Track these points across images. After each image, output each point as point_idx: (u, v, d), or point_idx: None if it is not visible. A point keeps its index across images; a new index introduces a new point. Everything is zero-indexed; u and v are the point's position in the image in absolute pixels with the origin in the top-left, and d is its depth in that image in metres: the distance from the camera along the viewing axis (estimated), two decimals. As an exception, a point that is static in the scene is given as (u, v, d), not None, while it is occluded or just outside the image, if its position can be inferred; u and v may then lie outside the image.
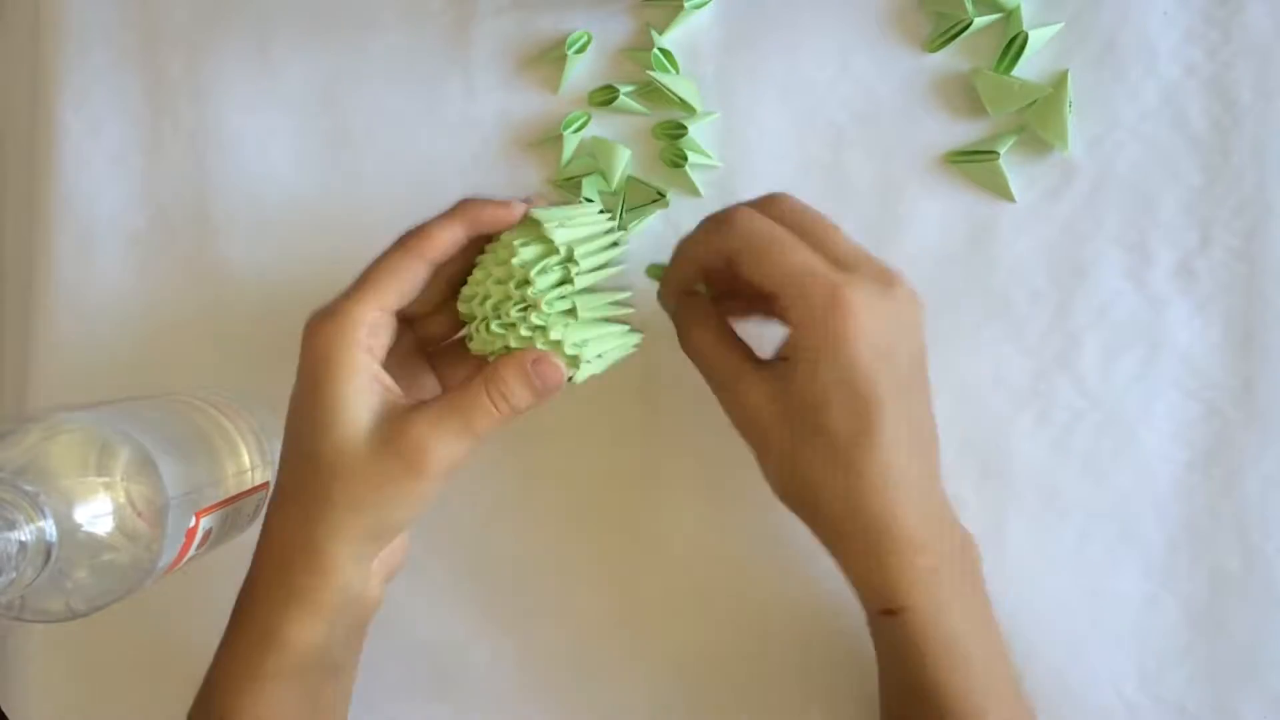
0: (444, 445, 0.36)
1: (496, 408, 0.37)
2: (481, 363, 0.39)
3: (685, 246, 0.41)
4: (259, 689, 0.38)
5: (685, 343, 0.41)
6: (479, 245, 0.40)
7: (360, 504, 0.36)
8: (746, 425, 0.39)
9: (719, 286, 0.42)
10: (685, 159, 0.48)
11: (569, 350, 0.38)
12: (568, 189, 0.49)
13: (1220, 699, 0.45)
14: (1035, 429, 0.47)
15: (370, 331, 0.37)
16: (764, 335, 0.41)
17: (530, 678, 0.49)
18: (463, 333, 0.42)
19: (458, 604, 0.49)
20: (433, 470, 0.36)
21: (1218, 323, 0.46)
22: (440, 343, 0.43)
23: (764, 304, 0.39)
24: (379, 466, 0.35)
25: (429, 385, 0.42)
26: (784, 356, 0.38)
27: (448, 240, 0.38)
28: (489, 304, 0.38)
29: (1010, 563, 0.46)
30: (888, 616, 0.38)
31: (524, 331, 0.37)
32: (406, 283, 0.38)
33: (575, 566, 0.49)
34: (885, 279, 0.37)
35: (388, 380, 0.37)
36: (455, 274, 0.40)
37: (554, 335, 0.37)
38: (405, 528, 0.39)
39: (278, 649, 0.38)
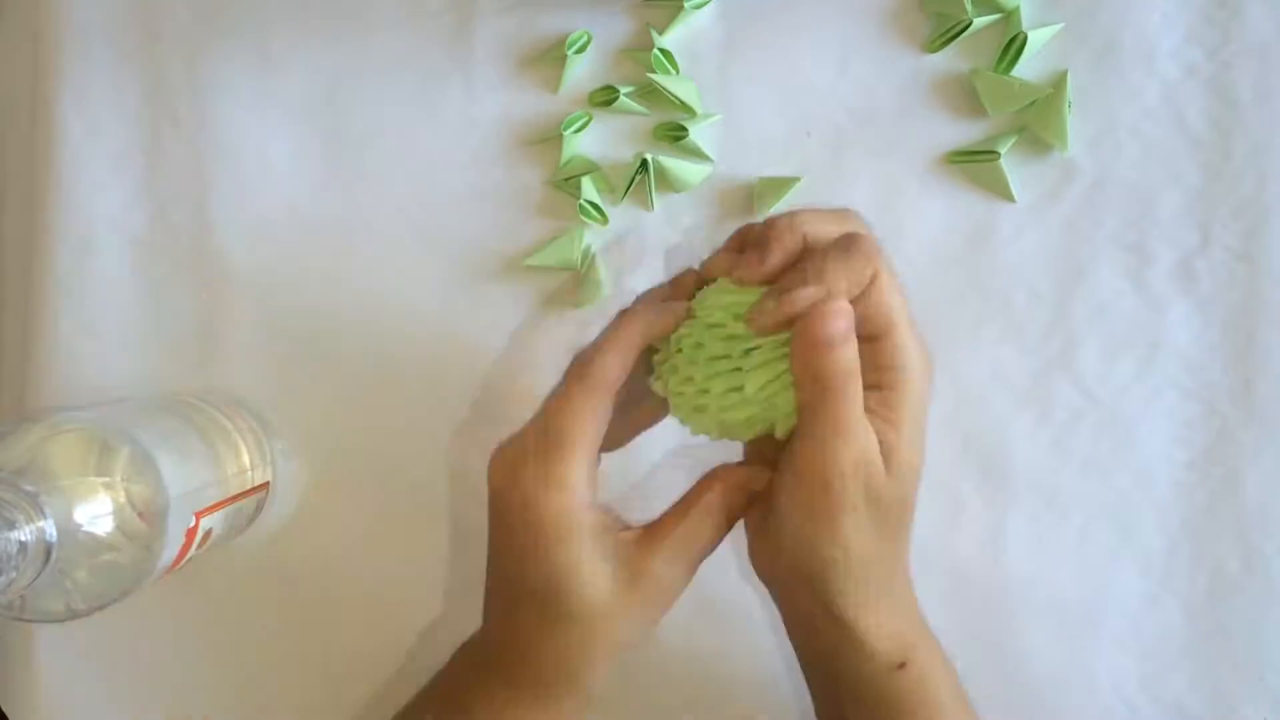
0: (678, 575, 0.37)
1: (719, 531, 0.38)
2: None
3: (820, 262, 0.35)
4: None
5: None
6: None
7: (616, 634, 0.37)
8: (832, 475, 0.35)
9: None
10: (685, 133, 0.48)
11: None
12: (566, 189, 0.49)
13: (1220, 699, 0.45)
14: (1035, 429, 0.47)
15: (590, 482, 0.37)
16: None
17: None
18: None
19: (455, 605, 0.49)
20: (672, 598, 0.38)
21: (1217, 323, 0.46)
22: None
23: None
24: (629, 610, 0.37)
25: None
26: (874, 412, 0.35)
27: (622, 369, 0.37)
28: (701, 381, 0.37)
29: (1010, 563, 0.46)
30: (900, 670, 0.37)
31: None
32: (601, 420, 0.37)
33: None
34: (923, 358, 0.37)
35: (610, 520, 0.37)
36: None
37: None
38: None
39: None
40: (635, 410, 0.40)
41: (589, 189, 0.48)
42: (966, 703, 0.39)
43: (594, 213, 0.48)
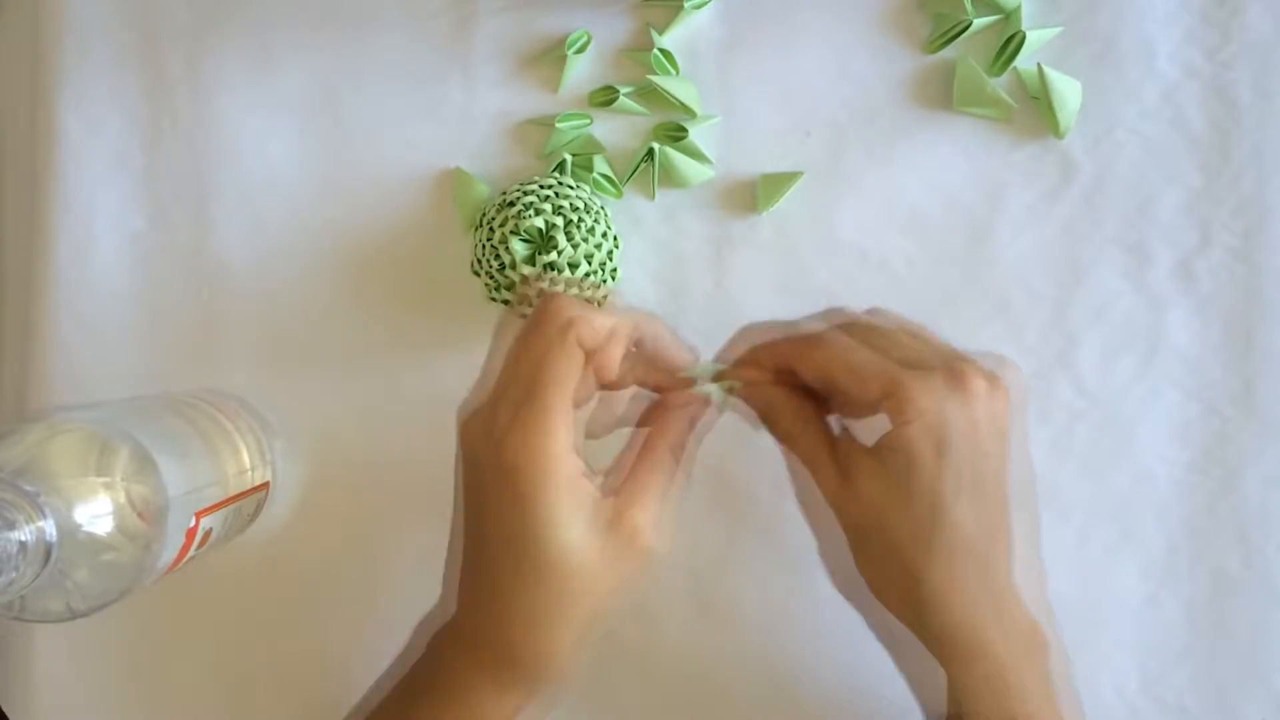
0: (655, 525, 0.37)
1: (684, 471, 0.39)
2: None
3: (764, 348, 0.39)
4: None
5: (787, 428, 0.39)
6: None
7: (592, 593, 0.36)
8: (856, 523, 0.37)
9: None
10: (685, 134, 0.48)
11: None
12: (576, 170, 0.49)
13: (1221, 699, 0.45)
14: (1035, 429, 0.47)
15: (567, 434, 0.36)
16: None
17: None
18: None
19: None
20: (651, 549, 0.37)
21: (1217, 323, 0.46)
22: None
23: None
24: (604, 556, 0.36)
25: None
26: (891, 448, 0.36)
27: (603, 332, 0.37)
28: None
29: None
30: None
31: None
32: (576, 368, 0.37)
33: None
34: (1000, 366, 0.37)
35: (585, 470, 0.37)
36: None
37: None
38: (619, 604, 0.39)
39: None
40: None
41: (601, 164, 0.48)
42: None
43: (608, 186, 0.48)
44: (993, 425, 0.36)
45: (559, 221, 0.44)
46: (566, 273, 0.44)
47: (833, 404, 0.39)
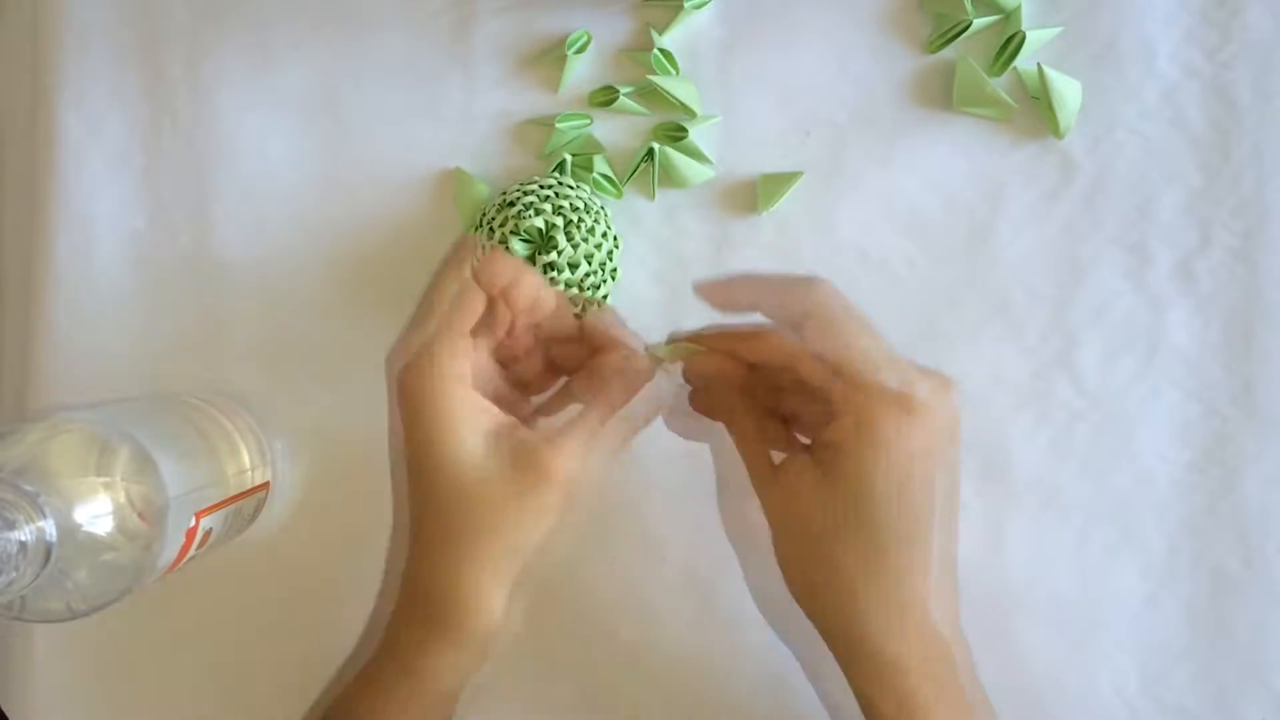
0: (572, 463, 0.37)
1: (608, 410, 0.38)
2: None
3: (753, 280, 0.39)
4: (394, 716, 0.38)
5: (730, 404, 0.40)
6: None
7: (498, 526, 0.36)
8: (781, 512, 0.38)
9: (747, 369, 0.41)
10: (685, 134, 0.48)
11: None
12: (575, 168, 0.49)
13: (1221, 699, 0.45)
14: (1035, 429, 0.47)
15: (460, 361, 0.37)
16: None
17: (528, 681, 0.49)
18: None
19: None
20: (557, 476, 0.36)
21: (1217, 323, 0.46)
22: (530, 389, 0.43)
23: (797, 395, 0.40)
24: (506, 483, 0.36)
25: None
26: (829, 443, 0.36)
27: (512, 270, 0.39)
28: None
29: (1010, 563, 0.46)
30: None
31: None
32: (475, 306, 0.38)
33: (575, 568, 0.49)
34: (944, 384, 0.36)
35: (487, 403, 0.38)
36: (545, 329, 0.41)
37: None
38: (540, 549, 0.38)
39: (417, 681, 0.38)
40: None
41: (601, 164, 0.48)
42: None
43: (608, 186, 0.48)
44: (930, 439, 0.35)
45: (559, 221, 0.44)
46: (566, 273, 0.44)
47: (779, 400, 0.39)
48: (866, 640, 0.36)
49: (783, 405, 0.40)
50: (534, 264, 0.44)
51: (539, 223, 0.44)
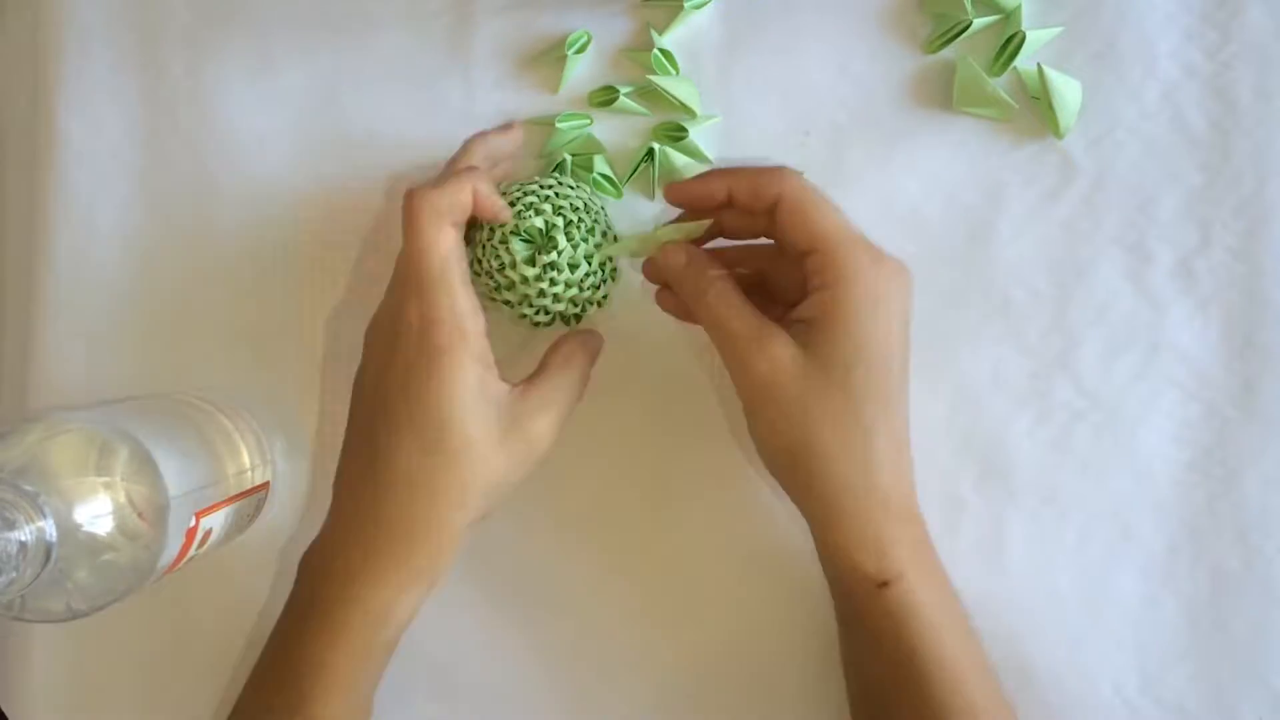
0: (552, 429, 0.41)
1: (579, 387, 0.43)
2: None
3: (724, 171, 0.42)
4: (359, 665, 0.40)
5: (700, 295, 0.41)
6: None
7: (484, 488, 0.40)
8: (762, 383, 0.39)
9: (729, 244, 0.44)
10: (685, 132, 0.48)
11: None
12: (575, 168, 0.49)
13: (1220, 699, 0.45)
14: (1035, 429, 0.47)
15: (470, 313, 0.40)
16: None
17: (530, 681, 0.49)
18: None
19: (458, 607, 0.49)
20: (543, 451, 0.41)
21: (1217, 323, 0.46)
22: None
23: (774, 267, 0.43)
24: (504, 452, 0.40)
25: None
26: (802, 318, 0.39)
27: (466, 203, 0.41)
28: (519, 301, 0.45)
29: (1010, 563, 0.46)
30: (882, 589, 0.39)
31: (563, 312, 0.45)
32: (462, 250, 0.41)
33: (575, 568, 0.49)
34: (895, 259, 0.40)
35: (491, 361, 0.41)
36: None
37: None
38: (503, 499, 0.42)
39: (386, 625, 0.40)
40: None
41: (601, 164, 0.48)
42: (964, 633, 0.40)
43: (608, 186, 0.48)
44: (905, 299, 0.39)
45: (559, 221, 0.44)
46: (566, 273, 0.44)
47: (800, 265, 0.41)
48: (846, 496, 0.39)
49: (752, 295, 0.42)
50: (533, 264, 0.44)
51: (539, 223, 0.44)
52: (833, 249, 0.38)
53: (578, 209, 0.44)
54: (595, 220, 0.45)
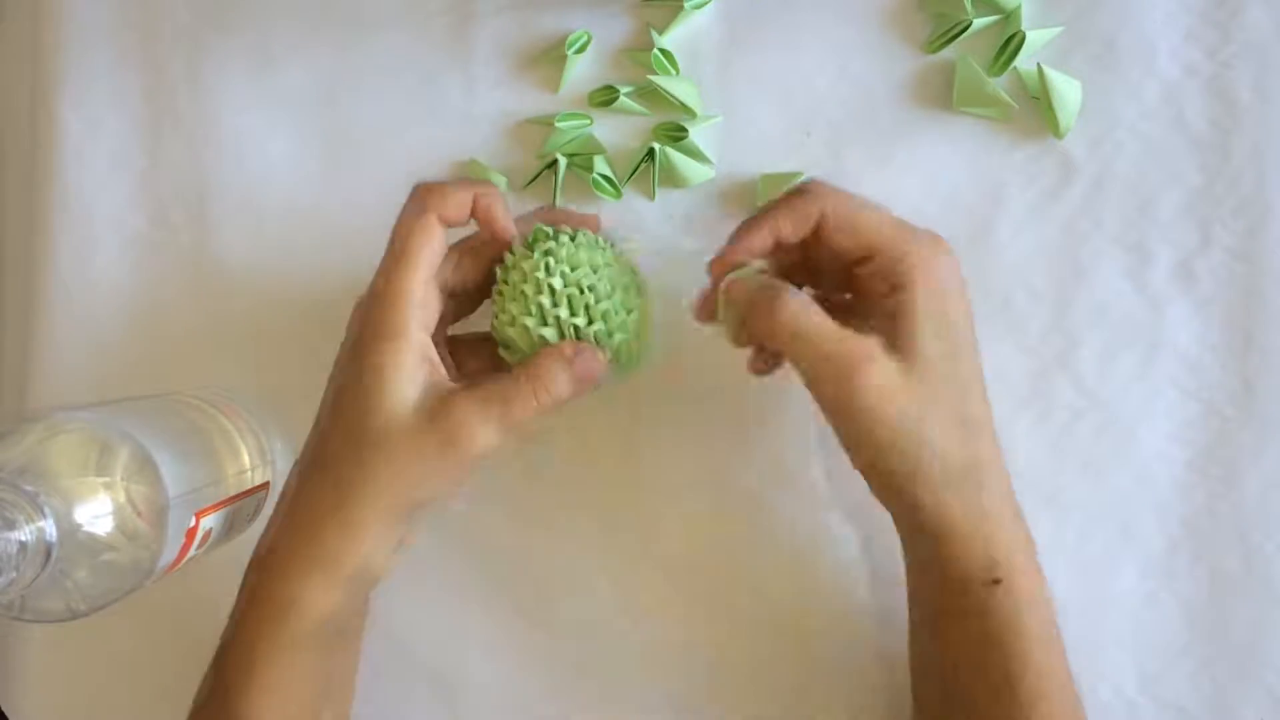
0: (484, 429, 0.37)
1: (537, 398, 0.38)
2: (494, 354, 0.42)
3: (757, 220, 0.40)
4: (275, 658, 0.39)
5: (780, 318, 0.38)
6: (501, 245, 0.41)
7: (398, 477, 0.37)
8: (869, 405, 0.37)
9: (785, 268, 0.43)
10: (686, 134, 0.48)
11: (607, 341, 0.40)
12: (574, 167, 0.49)
13: (1220, 699, 0.45)
14: (1035, 429, 0.47)
15: (420, 304, 0.38)
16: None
17: (530, 681, 0.49)
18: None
19: (454, 607, 0.49)
20: (470, 451, 0.37)
21: (1217, 323, 0.46)
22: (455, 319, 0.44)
23: (836, 277, 0.41)
24: (421, 442, 0.37)
25: (447, 364, 0.42)
26: (878, 324, 0.38)
27: (462, 203, 0.40)
28: (531, 314, 0.40)
29: (1010, 562, 0.46)
30: (993, 585, 0.38)
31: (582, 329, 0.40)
32: (438, 245, 0.39)
33: (574, 568, 0.49)
34: (928, 230, 0.39)
35: (434, 356, 0.39)
36: (494, 256, 0.42)
37: (616, 339, 0.40)
38: (429, 507, 0.40)
39: (296, 617, 0.38)
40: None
41: (601, 164, 0.48)
42: (1061, 649, 0.39)
43: (607, 187, 0.48)
44: (959, 277, 0.39)
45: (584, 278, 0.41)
46: (565, 266, 0.41)
47: (864, 269, 0.39)
48: (962, 493, 0.38)
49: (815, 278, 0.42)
50: (533, 252, 0.41)
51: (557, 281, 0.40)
52: (895, 249, 0.38)
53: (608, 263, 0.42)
54: (630, 280, 0.43)
